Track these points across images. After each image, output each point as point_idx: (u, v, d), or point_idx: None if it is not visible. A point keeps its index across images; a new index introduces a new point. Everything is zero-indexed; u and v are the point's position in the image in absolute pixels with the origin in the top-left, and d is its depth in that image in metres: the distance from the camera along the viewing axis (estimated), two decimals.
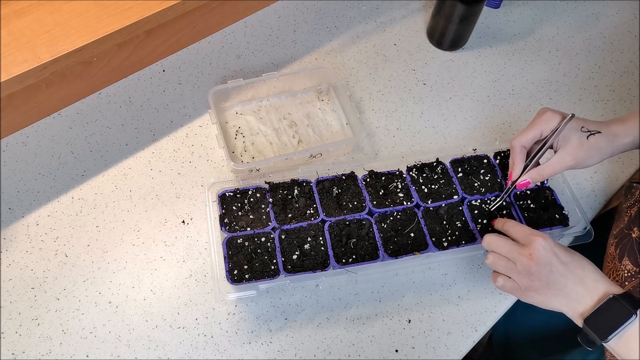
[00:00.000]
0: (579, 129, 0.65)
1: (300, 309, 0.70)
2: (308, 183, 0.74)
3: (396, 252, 0.69)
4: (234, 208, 0.71)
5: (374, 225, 0.71)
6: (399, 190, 0.74)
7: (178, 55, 0.93)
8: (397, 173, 0.76)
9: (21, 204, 0.76)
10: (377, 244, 0.69)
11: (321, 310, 0.71)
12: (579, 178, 0.85)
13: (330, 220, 0.71)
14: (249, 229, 0.70)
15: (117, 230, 0.75)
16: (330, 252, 0.68)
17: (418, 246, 0.70)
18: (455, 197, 0.74)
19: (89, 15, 0.73)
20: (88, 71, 0.82)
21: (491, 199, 0.74)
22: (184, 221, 0.76)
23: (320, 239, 0.69)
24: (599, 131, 0.65)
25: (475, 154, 0.79)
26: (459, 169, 0.77)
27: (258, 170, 0.77)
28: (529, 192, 0.75)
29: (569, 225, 0.73)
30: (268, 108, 0.87)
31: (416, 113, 0.90)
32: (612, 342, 0.56)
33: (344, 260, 0.68)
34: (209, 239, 0.71)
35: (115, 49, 0.83)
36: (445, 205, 0.73)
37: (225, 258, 0.67)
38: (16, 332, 0.66)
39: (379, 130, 0.87)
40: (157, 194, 0.78)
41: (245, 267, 0.67)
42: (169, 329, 0.68)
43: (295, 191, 0.73)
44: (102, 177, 0.79)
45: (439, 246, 0.70)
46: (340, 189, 0.74)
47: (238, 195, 0.72)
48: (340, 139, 0.85)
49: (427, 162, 0.77)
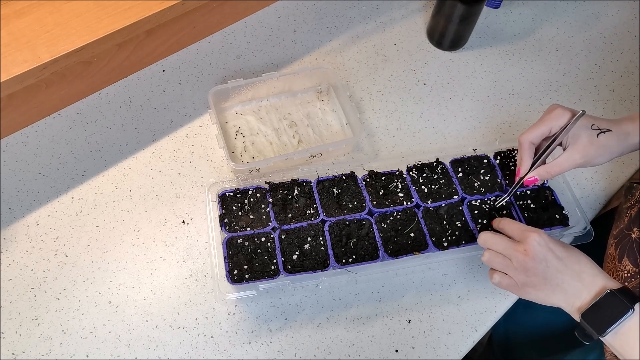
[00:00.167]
0: (589, 126, 0.64)
1: (300, 309, 0.70)
2: (308, 183, 0.74)
3: (396, 252, 0.69)
4: (234, 208, 0.71)
5: (374, 225, 0.71)
6: (399, 190, 0.74)
7: (178, 55, 0.93)
8: (397, 173, 0.76)
9: (21, 204, 0.76)
10: (377, 244, 0.69)
11: (321, 310, 0.71)
12: (579, 178, 0.85)
13: (330, 220, 0.71)
14: (249, 229, 0.70)
15: (117, 230, 0.75)
16: (330, 252, 0.68)
17: (418, 246, 0.70)
18: (455, 197, 0.74)
19: (89, 15, 0.73)
20: (88, 71, 0.83)
21: (491, 199, 0.74)
22: (184, 221, 0.76)
23: (320, 239, 0.69)
24: (609, 129, 0.64)
25: (475, 154, 0.79)
26: (459, 169, 0.77)
27: (258, 170, 0.77)
28: (529, 192, 0.75)
29: (569, 225, 0.73)
30: (268, 108, 0.87)
31: (416, 113, 0.90)
32: (609, 337, 0.56)
33: (344, 260, 0.68)
34: (209, 239, 0.71)
35: (115, 49, 0.83)
36: (445, 205, 0.73)
37: (225, 258, 0.67)
38: (16, 332, 0.66)
39: (379, 130, 0.87)
40: (157, 194, 0.78)
41: (245, 267, 0.67)
42: (169, 329, 0.68)
43: (295, 191, 0.73)
44: (102, 177, 0.79)
45: (439, 246, 0.70)
46: (340, 189, 0.74)
47: (238, 195, 0.72)
48: (340, 139, 0.85)
49: (427, 162, 0.77)
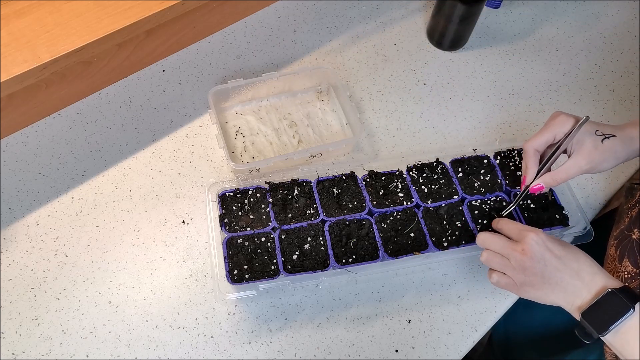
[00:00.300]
0: (593, 132, 0.64)
1: (300, 309, 0.70)
2: (308, 183, 0.74)
3: (396, 252, 0.69)
4: (234, 208, 0.71)
5: (374, 225, 0.71)
6: (399, 190, 0.74)
7: (178, 55, 0.93)
8: (397, 173, 0.76)
9: (21, 204, 0.76)
10: (377, 244, 0.69)
11: (321, 310, 0.71)
12: (579, 178, 0.85)
13: (330, 220, 0.71)
14: (249, 229, 0.70)
15: (117, 230, 0.75)
16: (330, 252, 0.68)
17: (418, 246, 0.70)
18: (455, 197, 0.74)
19: (89, 15, 0.73)
20: (88, 71, 0.83)
21: (491, 199, 0.74)
22: (184, 221, 0.76)
23: (320, 239, 0.69)
24: (613, 135, 0.64)
25: (475, 154, 0.79)
26: (459, 169, 0.77)
27: (258, 170, 0.77)
28: (529, 192, 0.75)
29: (569, 225, 0.73)
30: (268, 108, 0.87)
31: (416, 113, 0.90)
32: (610, 336, 0.56)
33: (344, 260, 0.68)
34: (209, 239, 0.71)
35: (115, 49, 0.83)
36: (445, 205, 0.73)
37: (225, 258, 0.67)
38: (16, 332, 0.66)
39: (379, 130, 0.87)
40: (157, 194, 0.78)
41: (245, 267, 0.67)
42: (169, 329, 0.68)
43: (295, 191, 0.73)
44: (102, 177, 0.79)
45: (439, 246, 0.70)
46: (340, 189, 0.74)
47: (238, 195, 0.72)
48: (340, 139, 0.85)
49: (427, 162, 0.77)
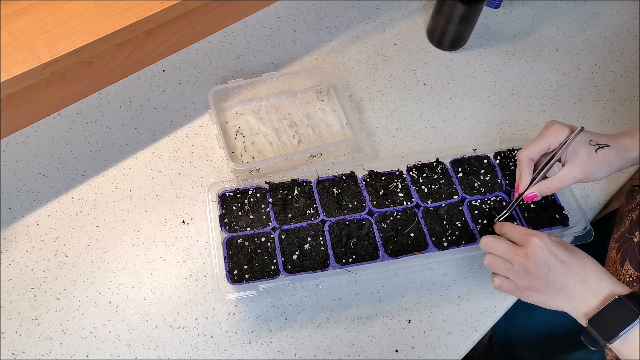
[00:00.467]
0: (588, 142, 0.65)
1: (300, 309, 0.70)
2: (308, 183, 0.74)
3: (396, 252, 0.69)
4: (234, 208, 0.71)
5: (374, 225, 0.71)
6: (399, 190, 0.74)
7: (178, 55, 0.93)
8: (397, 173, 0.76)
9: (21, 204, 0.76)
10: (377, 244, 0.69)
11: (321, 310, 0.71)
12: None
13: (330, 220, 0.71)
14: (249, 229, 0.70)
15: (117, 230, 0.75)
16: (330, 252, 0.68)
17: (418, 246, 0.70)
18: (455, 197, 0.74)
19: (89, 15, 0.73)
20: (88, 71, 0.83)
21: (491, 199, 0.74)
22: (184, 221, 0.76)
23: (320, 239, 0.69)
24: (607, 144, 0.65)
25: (475, 154, 0.79)
26: (459, 169, 0.77)
27: (258, 170, 0.77)
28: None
29: (569, 225, 0.73)
30: (268, 108, 0.87)
31: (416, 113, 0.90)
32: (617, 343, 0.55)
33: (344, 260, 0.68)
34: (209, 239, 0.71)
35: (115, 49, 0.83)
36: (445, 205, 0.73)
37: (225, 258, 0.67)
38: (16, 332, 0.66)
39: (379, 130, 0.87)
40: (157, 194, 0.78)
41: (245, 267, 0.67)
42: (169, 329, 0.68)
43: (295, 191, 0.73)
44: (102, 177, 0.79)
45: (439, 246, 0.70)
46: (340, 189, 0.74)
47: (238, 195, 0.72)
48: (340, 139, 0.85)
49: (427, 162, 0.77)
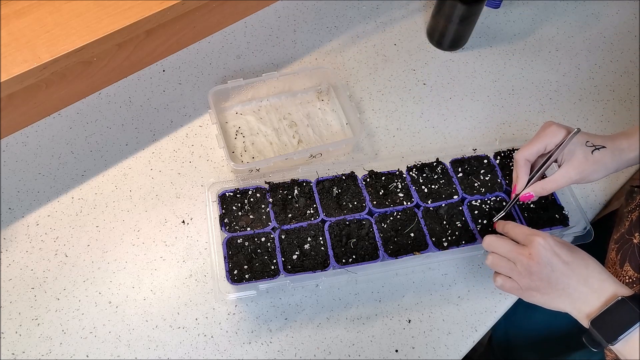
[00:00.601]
0: (584, 143, 0.65)
1: (300, 309, 0.70)
2: (308, 183, 0.74)
3: (396, 252, 0.69)
4: (234, 208, 0.71)
5: (374, 225, 0.71)
6: (399, 190, 0.74)
7: (178, 55, 0.93)
8: (397, 173, 0.76)
9: (21, 204, 0.76)
10: (377, 244, 0.69)
11: (321, 310, 0.71)
12: None
13: (330, 220, 0.71)
14: (249, 229, 0.70)
15: (117, 230, 0.75)
16: (330, 252, 0.68)
17: (418, 246, 0.70)
18: (455, 197, 0.74)
19: (89, 15, 0.73)
20: (88, 71, 0.83)
21: (491, 199, 0.74)
22: (184, 221, 0.76)
23: (320, 239, 0.69)
24: (603, 146, 0.65)
25: (475, 154, 0.79)
26: (459, 169, 0.77)
27: (258, 170, 0.77)
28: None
29: (569, 225, 0.73)
30: (268, 108, 0.87)
31: (416, 113, 0.90)
32: (619, 345, 0.55)
33: (344, 260, 0.68)
34: (209, 239, 0.71)
35: (115, 49, 0.83)
36: (445, 205, 0.73)
37: (225, 258, 0.67)
38: (16, 332, 0.66)
39: (379, 130, 0.87)
40: (157, 194, 0.78)
41: (245, 267, 0.67)
42: (169, 329, 0.68)
43: (295, 191, 0.73)
44: (102, 177, 0.79)
45: (439, 246, 0.70)
46: (340, 189, 0.74)
47: (238, 195, 0.72)
48: (340, 139, 0.85)
49: (427, 162, 0.77)
